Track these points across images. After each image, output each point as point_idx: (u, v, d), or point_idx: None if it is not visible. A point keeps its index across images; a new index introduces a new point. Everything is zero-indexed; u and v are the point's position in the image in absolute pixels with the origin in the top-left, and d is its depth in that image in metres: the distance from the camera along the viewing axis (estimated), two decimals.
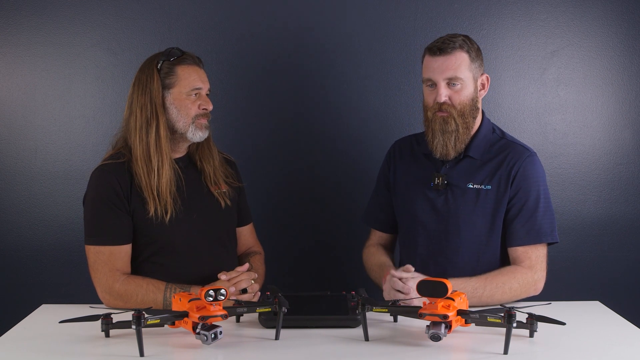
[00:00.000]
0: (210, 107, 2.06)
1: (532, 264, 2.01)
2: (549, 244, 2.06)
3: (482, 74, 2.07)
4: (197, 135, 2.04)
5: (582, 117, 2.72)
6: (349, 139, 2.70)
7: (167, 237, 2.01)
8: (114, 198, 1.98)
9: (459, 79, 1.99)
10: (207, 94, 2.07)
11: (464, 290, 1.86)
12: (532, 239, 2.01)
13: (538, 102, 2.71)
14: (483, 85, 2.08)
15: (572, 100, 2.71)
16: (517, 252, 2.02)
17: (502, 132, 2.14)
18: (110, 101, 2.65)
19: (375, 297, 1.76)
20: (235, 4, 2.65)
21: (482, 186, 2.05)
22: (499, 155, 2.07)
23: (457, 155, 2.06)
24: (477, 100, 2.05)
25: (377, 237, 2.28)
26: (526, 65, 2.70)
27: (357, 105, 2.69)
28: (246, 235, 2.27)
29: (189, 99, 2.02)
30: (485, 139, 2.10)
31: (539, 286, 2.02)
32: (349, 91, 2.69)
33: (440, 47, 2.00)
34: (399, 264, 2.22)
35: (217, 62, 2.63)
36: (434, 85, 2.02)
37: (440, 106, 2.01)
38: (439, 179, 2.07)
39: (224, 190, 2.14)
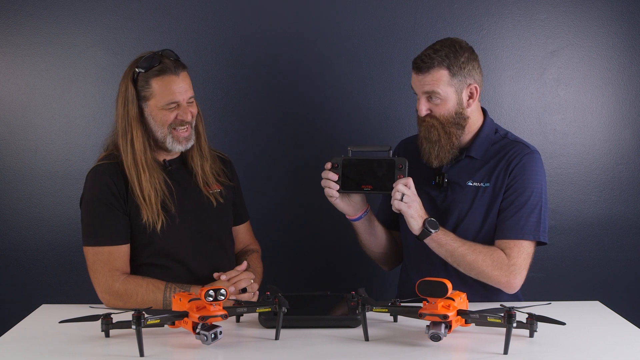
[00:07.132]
0: (188, 118, 2.01)
1: (512, 258, 1.97)
2: (538, 244, 2.03)
3: (469, 85, 2.03)
4: (175, 147, 2.03)
5: (582, 117, 2.71)
6: (349, 139, 2.70)
7: (164, 239, 2.00)
8: (110, 198, 1.98)
9: (437, 95, 2.00)
10: (189, 102, 2.02)
11: (444, 239, 1.94)
12: (514, 234, 1.99)
13: (538, 102, 2.70)
14: (471, 95, 2.04)
15: (572, 100, 2.71)
16: (500, 245, 2.00)
17: (506, 133, 2.13)
18: (110, 101, 2.62)
19: (375, 297, 1.76)
20: (235, 4, 2.65)
21: (482, 184, 2.05)
22: (500, 153, 2.07)
23: (440, 163, 2.06)
24: (462, 112, 2.03)
25: None
26: (526, 65, 2.69)
27: (357, 104, 2.69)
28: (243, 233, 2.27)
29: (166, 112, 1.99)
30: (487, 140, 2.10)
31: (513, 283, 1.97)
32: (348, 91, 2.68)
33: (419, 66, 2.01)
34: (402, 262, 2.26)
35: (217, 62, 2.63)
36: (418, 96, 2.05)
37: (424, 117, 2.04)
38: (439, 177, 2.08)
39: (217, 190, 2.13)
